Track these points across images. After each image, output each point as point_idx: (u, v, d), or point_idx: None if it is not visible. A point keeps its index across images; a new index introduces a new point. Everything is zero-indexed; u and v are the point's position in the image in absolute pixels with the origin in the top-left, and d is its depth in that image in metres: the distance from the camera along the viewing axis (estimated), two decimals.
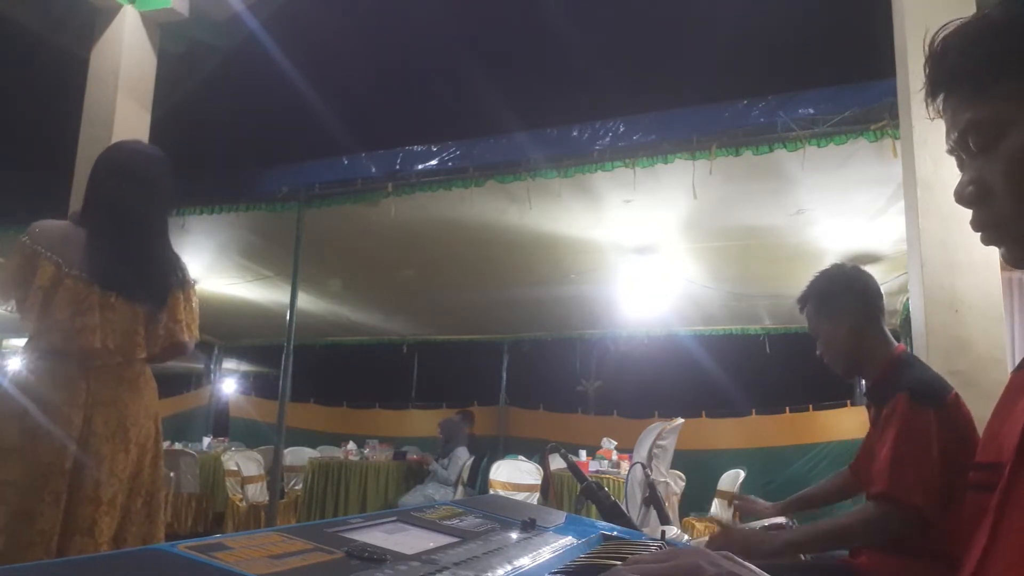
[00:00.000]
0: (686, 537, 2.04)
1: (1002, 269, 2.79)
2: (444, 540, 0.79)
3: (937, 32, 0.71)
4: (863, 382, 1.95)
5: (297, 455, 7.48)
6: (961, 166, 0.74)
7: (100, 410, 1.98)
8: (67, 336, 1.96)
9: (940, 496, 1.47)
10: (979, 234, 0.72)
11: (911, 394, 1.58)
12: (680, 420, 4.68)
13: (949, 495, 1.45)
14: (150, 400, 2.13)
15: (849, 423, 7.73)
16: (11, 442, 1.88)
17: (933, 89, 0.73)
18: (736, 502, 2.11)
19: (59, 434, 1.90)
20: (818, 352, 1.89)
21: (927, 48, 0.72)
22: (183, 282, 2.24)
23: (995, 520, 0.60)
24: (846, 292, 1.81)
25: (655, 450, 4.30)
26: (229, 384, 12.51)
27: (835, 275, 1.86)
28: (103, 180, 2.15)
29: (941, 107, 0.73)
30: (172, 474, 6.12)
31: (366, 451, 7.36)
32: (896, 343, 1.79)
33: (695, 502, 6.26)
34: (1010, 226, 0.68)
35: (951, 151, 0.74)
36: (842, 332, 1.79)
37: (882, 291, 1.84)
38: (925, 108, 0.74)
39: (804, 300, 1.90)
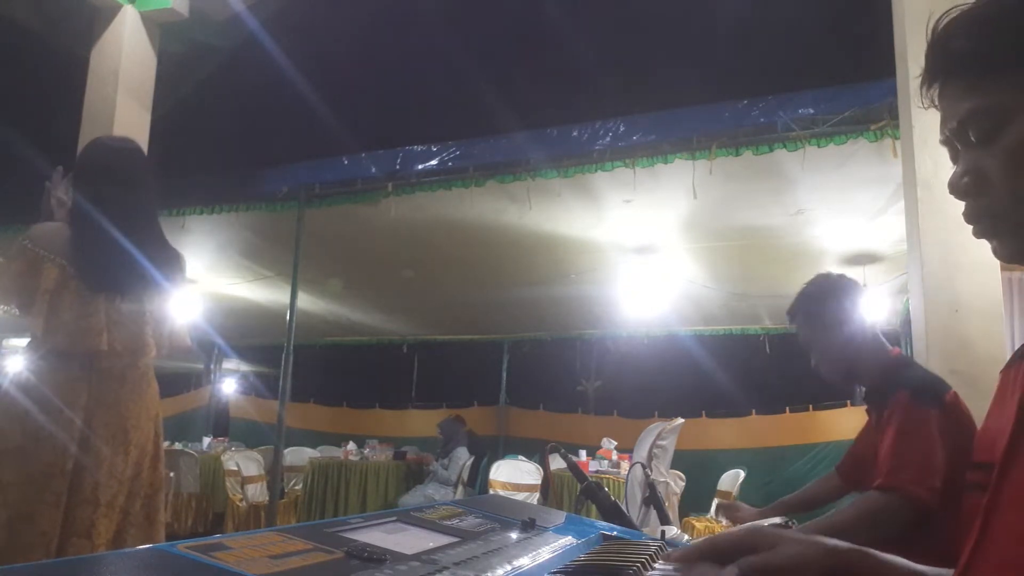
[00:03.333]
0: (686, 537, 2.05)
1: (1002, 269, 2.78)
2: (444, 540, 0.79)
3: (941, 17, 0.68)
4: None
5: (297, 455, 7.49)
6: (954, 157, 0.71)
7: (100, 412, 1.98)
8: (73, 338, 1.96)
9: (942, 488, 1.47)
10: (972, 227, 0.70)
11: (911, 392, 1.59)
12: (680, 420, 4.68)
13: (950, 494, 1.45)
14: (151, 401, 2.13)
15: (849, 423, 7.72)
16: (13, 443, 1.88)
17: (931, 75, 0.70)
18: (723, 513, 2.08)
19: (60, 435, 1.89)
20: (813, 364, 1.87)
21: (929, 32, 0.69)
22: (183, 282, 2.24)
23: (983, 521, 0.60)
24: (836, 301, 1.79)
25: (655, 450, 4.31)
26: (229, 384, 12.51)
27: (823, 285, 1.84)
28: (82, 181, 2.13)
29: (938, 95, 0.70)
30: (172, 474, 6.12)
31: (366, 451, 7.37)
32: (891, 347, 1.79)
33: (695, 502, 6.26)
34: (1006, 219, 0.66)
35: (945, 141, 0.71)
36: (836, 342, 1.78)
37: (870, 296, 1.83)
38: (922, 96, 0.71)
39: (793, 313, 1.88)
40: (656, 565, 0.80)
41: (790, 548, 0.60)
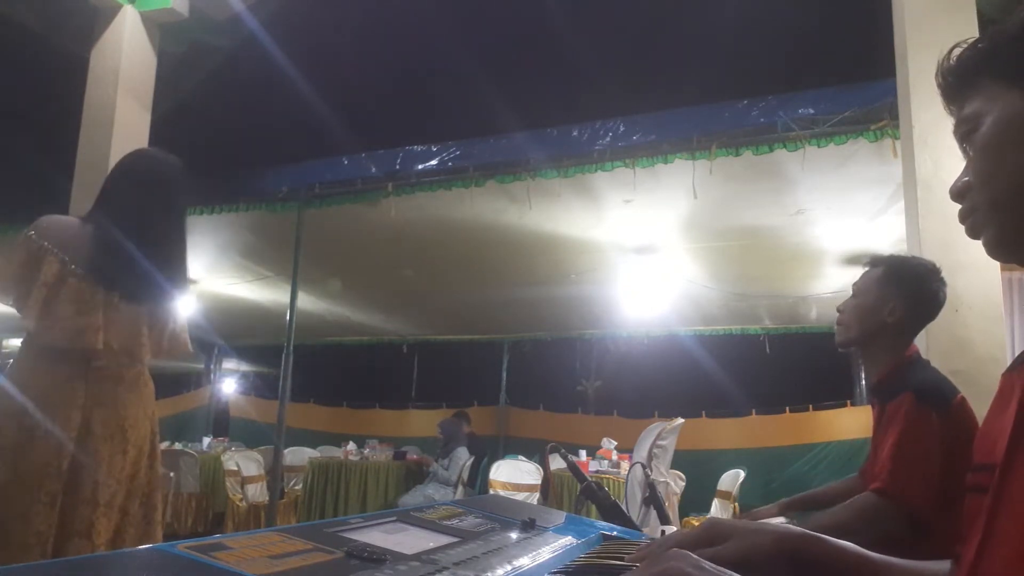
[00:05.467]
0: None
1: (1002, 269, 2.79)
2: (444, 540, 0.79)
3: (948, 51, 0.75)
4: (864, 381, 1.94)
5: (297, 455, 7.48)
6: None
7: (98, 411, 1.96)
8: (69, 335, 1.94)
9: (938, 497, 1.47)
10: (964, 227, 0.74)
11: (917, 395, 1.58)
12: (680, 420, 4.67)
13: (950, 497, 1.45)
14: (148, 401, 2.12)
15: (849, 423, 7.73)
16: (7, 441, 1.86)
17: (945, 102, 0.76)
18: (745, 518, 2.10)
19: (56, 434, 1.88)
20: (839, 308, 1.84)
21: (938, 65, 0.76)
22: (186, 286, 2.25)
23: (987, 522, 0.61)
24: (921, 290, 1.76)
25: (655, 450, 4.30)
26: (229, 384, 12.51)
27: (925, 269, 1.79)
28: (123, 185, 2.13)
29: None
30: (172, 474, 6.12)
31: (366, 451, 7.37)
32: (911, 345, 1.78)
33: (695, 502, 6.26)
34: (980, 212, 0.71)
35: (963, 158, 0.77)
36: (882, 312, 1.73)
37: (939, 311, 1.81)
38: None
39: (879, 262, 1.81)
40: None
41: (745, 539, 0.64)
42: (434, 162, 4.67)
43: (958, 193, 0.74)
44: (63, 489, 1.88)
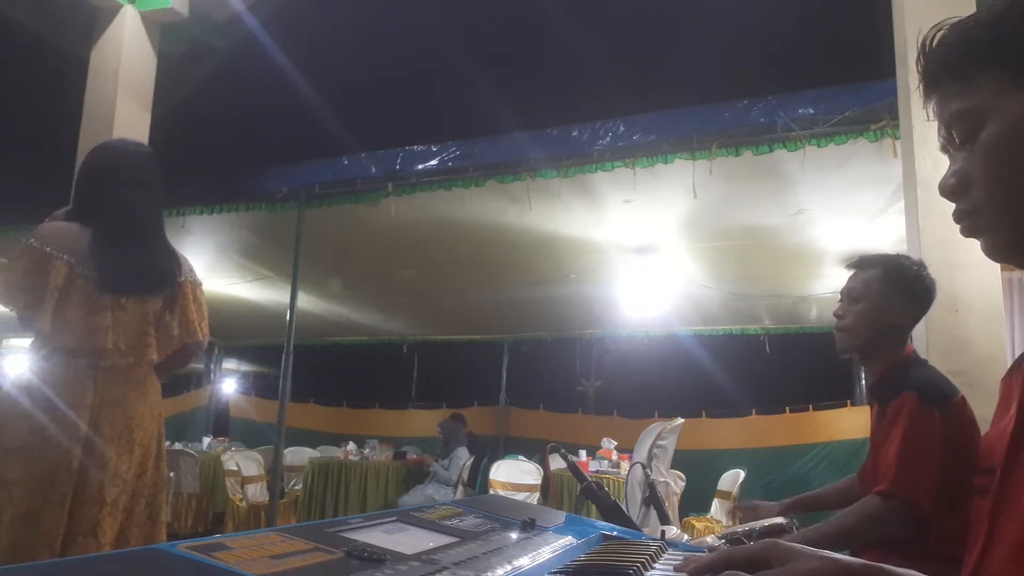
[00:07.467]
0: (686, 537, 2.04)
1: (1002, 269, 2.79)
2: (444, 540, 0.79)
3: (930, 31, 0.71)
4: (864, 380, 1.93)
5: (297, 455, 7.49)
6: (951, 162, 0.74)
7: (107, 411, 1.98)
8: (80, 337, 1.96)
9: (942, 497, 1.47)
10: (959, 226, 0.72)
11: (919, 394, 1.58)
12: (680, 420, 4.67)
13: (952, 497, 1.45)
14: (155, 401, 2.14)
15: (849, 423, 7.73)
16: (18, 442, 1.88)
17: (925, 86, 0.73)
18: (740, 514, 2.08)
19: (66, 435, 1.90)
20: (836, 313, 1.81)
21: (919, 45, 0.72)
22: (191, 280, 2.25)
23: (989, 524, 0.61)
24: (922, 287, 1.75)
25: (655, 450, 4.30)
26: (229, 384, 12.50)
27: (919, 266, 1.79)
28: (99, 182, 2.14)
29: (932, 105, 0.73)
30: (172, 474, 6.12)
31: (366, 451, 7.37)
32: (907, 344, 1.79)
33: (695, 502, 6.26)
34: (986, 215, 0.68)
35: (942, 148, 0.74)
36: (890, 314, 1.72)
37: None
38: (923, 108, 0.75)
39: (870, 264, 1.79)
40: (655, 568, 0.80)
41: (807, 564, 0.61)
42: (434, 162, 4.67)
43: (952, 192, 0.71)
44: (72, 489, 1.90)
